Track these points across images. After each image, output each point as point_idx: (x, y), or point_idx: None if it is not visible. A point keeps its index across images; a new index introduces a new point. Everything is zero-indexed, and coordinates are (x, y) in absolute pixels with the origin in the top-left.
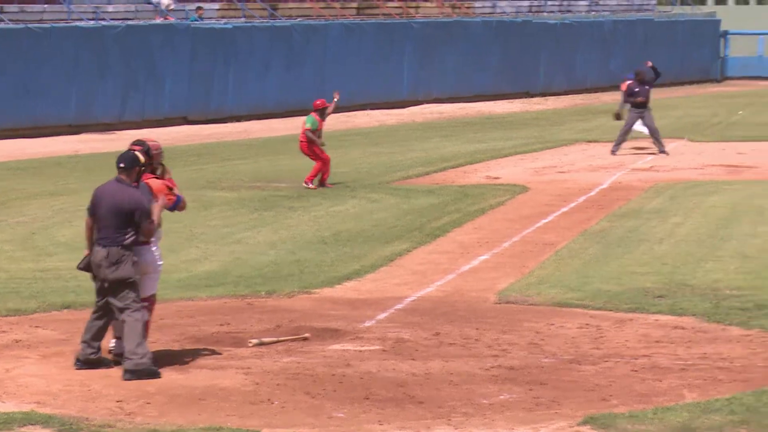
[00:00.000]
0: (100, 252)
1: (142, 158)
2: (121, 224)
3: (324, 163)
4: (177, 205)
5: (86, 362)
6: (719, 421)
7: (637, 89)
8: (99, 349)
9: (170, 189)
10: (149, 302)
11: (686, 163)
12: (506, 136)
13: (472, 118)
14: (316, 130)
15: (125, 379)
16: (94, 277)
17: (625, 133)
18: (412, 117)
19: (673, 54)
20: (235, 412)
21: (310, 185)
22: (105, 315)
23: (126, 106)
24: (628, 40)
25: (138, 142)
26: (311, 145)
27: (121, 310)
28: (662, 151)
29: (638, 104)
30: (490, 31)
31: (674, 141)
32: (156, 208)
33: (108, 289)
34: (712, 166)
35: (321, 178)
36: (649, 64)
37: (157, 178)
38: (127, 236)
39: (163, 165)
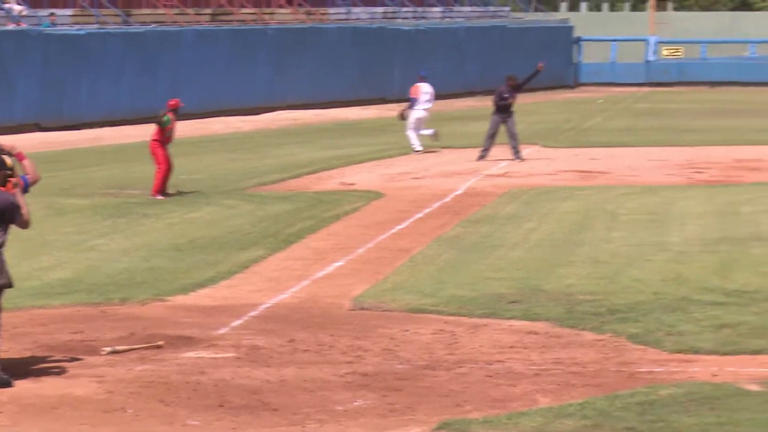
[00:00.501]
0: None
1: (8, 161)
2: None
3: (167, 170)
4: (27, 185)
5: None
6: (572, 425)
7: (506, 94)
8: None
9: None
10: None
11: (540, 169)
12: (361, 142)
13: (327, 124)
14: (167, 128)
15: None
16: None
17: (491, 138)
18: (267, 123)
19: (527, 60)
20: (88, 420)
21: (160, 197)
22: None
23: None
24: (483, 46)
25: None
26: (161, 145)
27: None
28: (518, 158)
29: (503, 108)
30: (344, 37)
31: (528, 147)
32: (20, 198)
33: None
34: (566, 172)
35: (160, 185)
36: (541, 66)
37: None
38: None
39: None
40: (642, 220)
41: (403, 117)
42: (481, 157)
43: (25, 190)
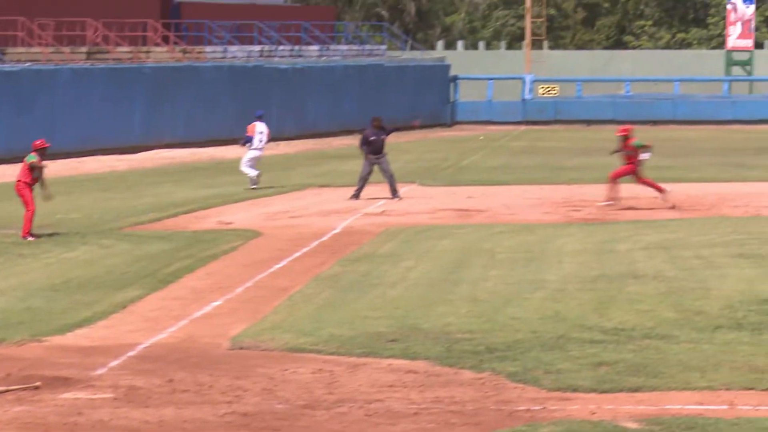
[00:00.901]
0: None
1: None
2: None
3: (33, 212)
4: None
5: None
6: None
7: (373, 137)
8: None
9: None
10: None
11: (418, 208)
12: (237, 181)
13: (205, 163)
14: (37, 168)
15: None
16: None
17: (364, 180)
18: (144, 162)
19: (404, 98)
20: None
21: (31, 238)
22: None
23: None
24: (360, 84)
25: None
26: (28, 187)
27: None
28: (395, 196)
29: (373, 150)
30: (221, 75)
31: (405, 185)
32: None
33: None
34: (444, 210)
35: (30, 226)
36: (417, 123)
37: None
38: None
39: None
40: (519, 259)
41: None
42: (354, 197)
43: None
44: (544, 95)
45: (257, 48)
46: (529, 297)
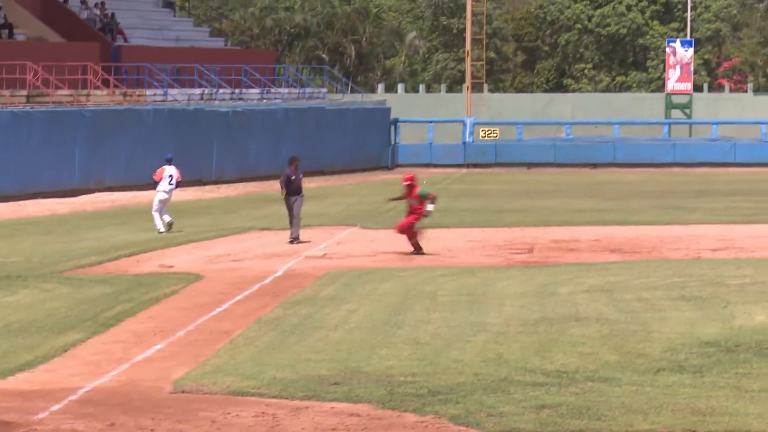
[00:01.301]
0: None
1: None
2: None
3: None
4: None
5: None
6: None
7: (293, 177)
8: None
9: None
10: None
11: (359, 251)
12: (179, 224)
13: (146, 206)
14: None
15: None
16: None
17: (296, 220)
18: (84, 206)
19: (345, 141)
20: None
21: None
22: None
23: None
24: (300, 127)
25: None
26: None
27: None
28: (295, 239)
29: (293, 190)
30: (162, 118)
31: (347, 228)
32: None
33: None
34: (385, 253)
35: None
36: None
37: None
38: None
39: None
40: (461, 301)
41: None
42: (294, 241)
43: None
44: (485, 138)
45: (198, 91)
46: (471, 340)
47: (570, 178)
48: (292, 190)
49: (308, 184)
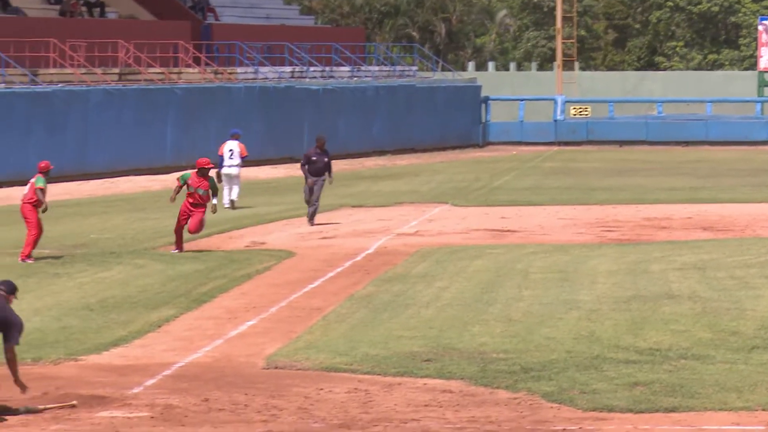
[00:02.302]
0: None
1: None
2: None
3: (39, 233)
4: None
5: None
6: None
7: (314, 157)
8: None
9: None
10: None
11: (450, 228)
12: (271, 201)
13: None
14: (44, 190)
15: None
16: None
17: (313, 204)
18: (176, 182)
19: (435, 119)
20: None
21: (30, 260)
22: None
23: None
24: (391, 105)
25: None
26: (35, 209)
27: None
28: (310, 223)
29: (314, 172)
30: (253, 96)
31: (438, 206)
32: None
33: None
34: (476, 231)
35: (31, 249)
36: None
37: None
38: None
39: None
40: (553, 279)
41: (220, 179)
42: (311, 221)
43: None
44: (576, 116)
45: (288, 69)
46: (564, 317)
47: (661, 156)
48: (313, 171)
49: (399, 161)
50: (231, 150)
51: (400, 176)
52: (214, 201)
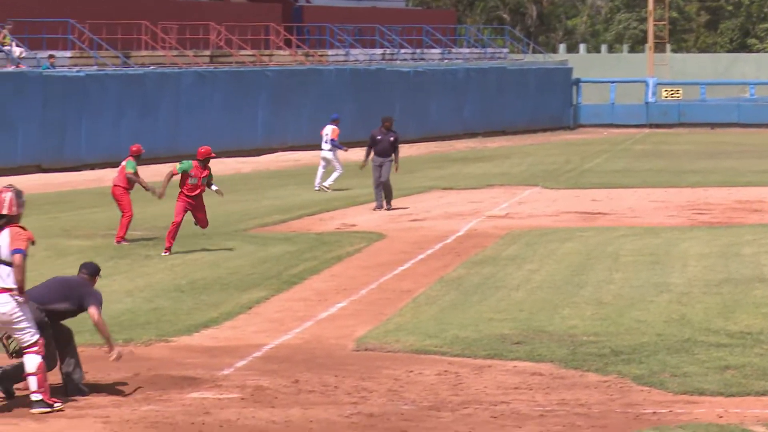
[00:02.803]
0: None
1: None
2: None
3: (130, 217)
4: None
5: None
6: None
7: (379, 137)
8: None
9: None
10: None
11: (541, 210)
12: (361, 183)
13: None
14: (135, 173)
15: None
16: None
17: (380, 187)
18: (267, 165)
19: (526, 101)
20: None
21: (125, 242)
22: None
23: None
24: (482, 87)
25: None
26: (126, 192)
27: None
28: (380, 207)
29: (380, 152)
30: (343, 78)
31: (528, 188)
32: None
33: None
34: (567, 213)
35: (125, 232)
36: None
37: (18, 227)
38: None
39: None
40: (644, 262)
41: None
42: (378, 207)
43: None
44: (668, 98)
45: (379, 51)
46: (654, 300)
47: (754, 139)
48: (378, 152)
49: (490, 143)
50: (326, 134)
51: (491, 159)
52: (215, 187)
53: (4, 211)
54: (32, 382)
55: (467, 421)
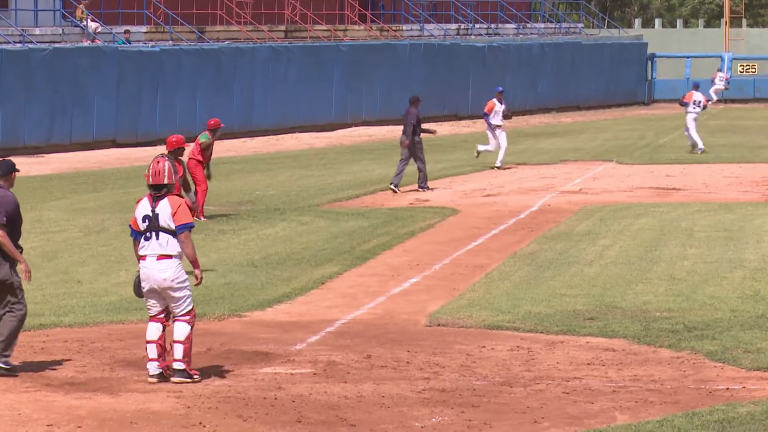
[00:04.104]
0: None
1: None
2: None
3: (205, 191)
4: (184, 228)
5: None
6: None
7: (413, 119)
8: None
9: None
10: None
11: (615, 186)
12: (436, 158)
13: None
14: (208, 149)
15: None
16: None
17: (420, 170)
18: (341, 140)
19: (601, 77)
20: None
21: (203, 218)
22: None
23: (53, 129)
24: (556, 63)
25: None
26: (200, 165)
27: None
28: (425, 187)
29: (416, 131)
30: (417, 54)
31: (602, 163)
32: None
33: None
34: (641, 189)
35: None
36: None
37: (178, 195)
38: None
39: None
40: (718, 237)
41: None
42: (423, 188)
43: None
44: (743, 73)
45: (454, 26)
46: (728, 276)
47: None
48: (415, 131)
49: (564, 119)
50: (496, 110)
51: (565, 134)
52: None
53: (165, 181)
54: (178, 350)
55: (539, 397)
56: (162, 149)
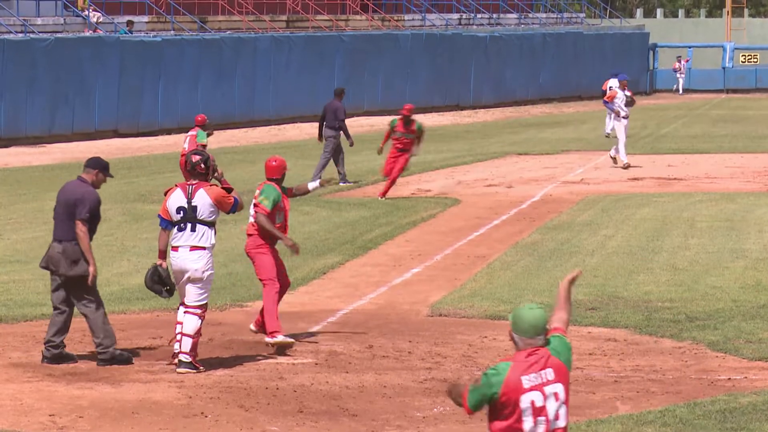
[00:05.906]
0: (56, 247)
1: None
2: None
3: None
4: (236, 206)
5: (53, 358)
6: None
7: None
8: (63, 344)
9: (228, 191)
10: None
11: (616, 176)
12: (437, 148)
13: None
14: (203, 146)
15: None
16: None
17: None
18: None
19: (602, 67)
20: (167, 425)
21: None
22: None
23: (55, 119)
24: (558, 53)
25: (196, 152)
26: None
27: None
28: (343, 181)
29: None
30: (419, 43)
31: (604, 153)
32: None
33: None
34: (643, 179)
35: None
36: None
37: (213, 186)
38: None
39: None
40: (720, 227)
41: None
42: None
43: (233, 209)
44: (745, 63)
45: (455, 16)
46: (730, 266)
47: None
48: (340, 125)
49: (565, 109)
50: (620, 98)
51: (566, 124)
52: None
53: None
54: (186, 343)
55: None
56: (162, 139)
